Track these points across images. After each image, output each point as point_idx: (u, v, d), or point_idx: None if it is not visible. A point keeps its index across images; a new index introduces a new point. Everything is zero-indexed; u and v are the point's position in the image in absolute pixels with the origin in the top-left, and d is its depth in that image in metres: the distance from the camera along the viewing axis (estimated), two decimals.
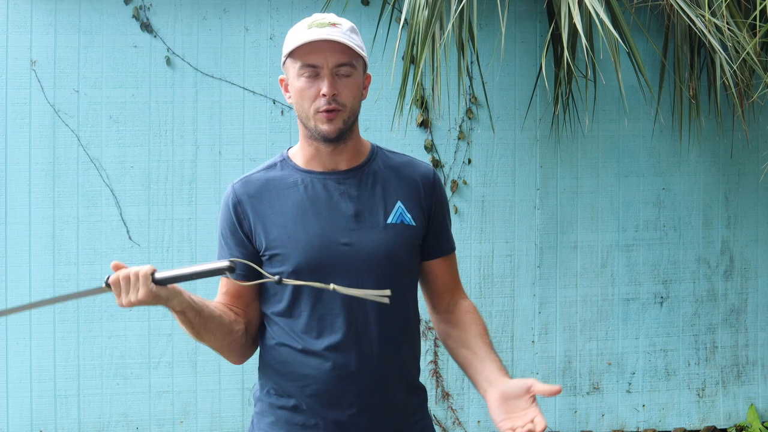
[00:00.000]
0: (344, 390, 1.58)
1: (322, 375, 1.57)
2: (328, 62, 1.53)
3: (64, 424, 3.51)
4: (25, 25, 3.47)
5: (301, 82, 1.54)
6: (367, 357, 1.58)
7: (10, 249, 3.46)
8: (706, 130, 3.81)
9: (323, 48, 1.52)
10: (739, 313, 3.97)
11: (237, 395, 3.59)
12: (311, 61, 1.53)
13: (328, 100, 1.52)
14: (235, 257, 1.59)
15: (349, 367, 1.57)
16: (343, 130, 1.56)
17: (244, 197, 1.61)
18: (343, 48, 1.54)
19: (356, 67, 1.57)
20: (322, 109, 1.53)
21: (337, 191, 1.60)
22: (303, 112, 1.57)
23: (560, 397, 3.83)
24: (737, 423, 3.97)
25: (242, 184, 1.63)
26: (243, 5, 3.59)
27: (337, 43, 1.53)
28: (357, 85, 1.58)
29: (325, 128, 1.55)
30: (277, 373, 1.63)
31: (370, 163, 1.65)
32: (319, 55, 1.52)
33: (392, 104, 3.51)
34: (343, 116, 1.55)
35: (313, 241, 1.56)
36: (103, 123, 3.52)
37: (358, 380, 1.58)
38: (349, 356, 1.57)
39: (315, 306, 1.58)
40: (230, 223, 1.62)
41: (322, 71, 1.53)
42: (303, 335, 1.59)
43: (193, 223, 3.56)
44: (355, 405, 1.58)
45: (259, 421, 1.67)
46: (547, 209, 3.79)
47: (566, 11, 3.04)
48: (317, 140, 1.58)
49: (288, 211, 1.58)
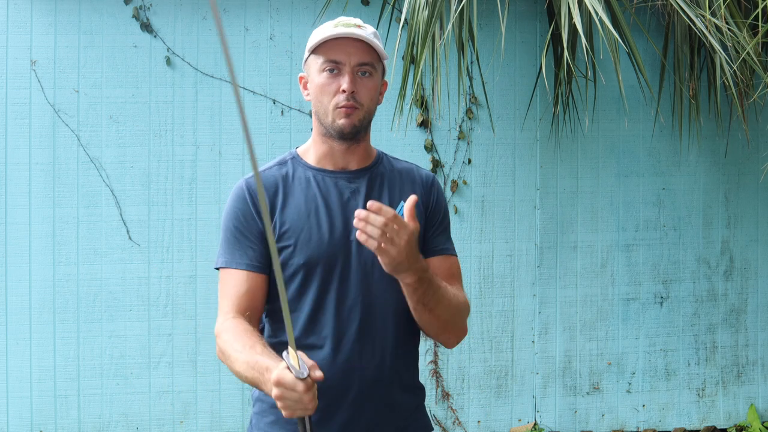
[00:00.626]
0: (344, 389, 1.59)
1: (325, 373, 1.57)
2: (351, 60, 1.57)
3: (64, 424, 3.51)
4: (25, 25, 3.47)
5: (323, 78, 1.58)
6: (367, 355, 1.60)
7: (10, 249, 3.46)
8: (706, 130, 3.81)
9: (347, 46, 1.57)
10: (739, 313, 3.97)
11: (237, 395, 3.59)
12: (335, 57, 1.57)
13: (347, 97, 1.56)
14: (251, 248, 1.59)
15: (348, 365, 1.59)
16: (358, 128, 1.60)
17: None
18: (366, 48, 1.58)
19: (376, 69, 1.62)
20: (341, 104, 1.57)
21: (348, 189, 1.64)
22: (321, 108, 1.60)
23: (560, 397, 3.83)
24: (737, 423, 3.97)
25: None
26: (243, 5, 3.59)
27: (362, 42, 1.57)
28: (375, 86, 1.62)
29: (342, 122, 1.58)
30: None
31: (377, 165, 1.70)
32: (342, 52, 1.57)
33: (392, 104, 3.51)
34: (359, 114, 1.59)
35: (324, 236, 1.59)
36: (103, 123, 3.52)
37: (358, 379, 1.59)
38: (348, 354, 1.59)
39: (317, 304, 1.60)
40: (247, 214, 1.61)
41: (344, 68, 1.57)
42: (304, 332, 1.60)
43: (193, 223, 3.56)
44: (354, 403, 1.59)
45: (258, 421, 1.67)
46: (547, 209, 3.79)
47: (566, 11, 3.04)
48: (332, 137, 1.62)
49: (301, 206, 1.61)
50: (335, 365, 1.58)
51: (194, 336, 3.56)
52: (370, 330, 1.60)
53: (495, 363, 3.78)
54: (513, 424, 3.80)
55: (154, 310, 3.55)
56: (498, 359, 3.78)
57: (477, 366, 3.77)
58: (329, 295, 1.59)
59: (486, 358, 3.77)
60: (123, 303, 3.53)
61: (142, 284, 3.54)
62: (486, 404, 3.78)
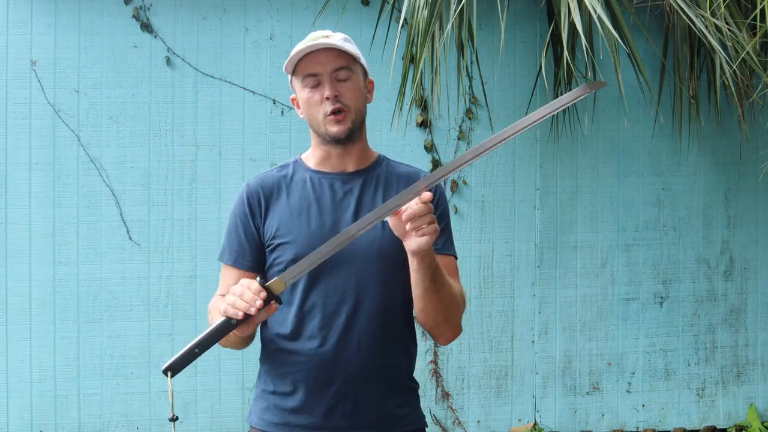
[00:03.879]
0: (329, 379, 1.65)
1: (311, 362, 1.65)
2: (326, 68, 1.65)
3: (64, 424, 3.51)
4: (25, 25, 3.47)
5: (306, 93, 1.68)
6: (352, 348, 1.65)
7: (10, 249, 3.46)
8: (706, 130, 3.81)
9: (319, 57, 1.65)
10: (739, 313, 3.97)
11: (237, 395, 3.59)
12: (311, 70, 1.66)
13: (332, 102, 1.64)
14: (244, 248, 1.71)
15: (335, 357, 1.64)
16: (352, 130, 1.68)
17: (257, 193, 1.73)
18: (337, 53, 1.65)
19: (354, 70, 1.69)
20: (329, 111, 1.65)
21: (342, 190, 1.71)
22: (314, 120, 1.69)
23: (560, 397, 3.83)
24: (737, 423, 3.97)
25: (256, 182, 1.75)
26: (243, 5, 3.59)
27: (332, 49, 1.65)
28: (357, 87, 1.69)
29: (335, 129, 1.66)
30: (270, 360, 1.72)
31: (376, 167, 1.77)
32: (316, 63, 1.65)
33: (392, 104, 3.51)
34: (350, 117, 1.67)
35: (314, 233, 1.66)
36: (103, 123, 3.52)
37: (343, 371, 1.65)
38: (335, 346, 1.64)
39: (305, 298, 1.66)
40: (243, 216, 1.73)
41: (323, 77, 1.65)
42: (294, 325, 1.66)
43: (193, 223, 3.56)
44: (338, 394, 1.65)
45: (254, 407, 1.76)
46: (547, 209, 3.79)
47: (566, 11, 3.04)
48: (329, 143, 1.70)
49: (294, 205, 1.70)
50: (322, 356, 1.64)
51: (194, 336, 3.54)
52: (357, 324, 1.65)
53: (495, 363, 3.78)
54: (513, 424, 3.80)
55: (154, 310, 3.55)
56: (498, 359, 3.78)
57: (477, 366, 3.77)
58: (317, 289, 1.66)
59: (486, 358, 3.77)
60: (123, 303, 3.53)
61: (142, 284, 3.54)
62: (486, 404, 3.78)
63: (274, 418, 1.70)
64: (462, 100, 3.67)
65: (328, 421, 1.66)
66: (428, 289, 1.58)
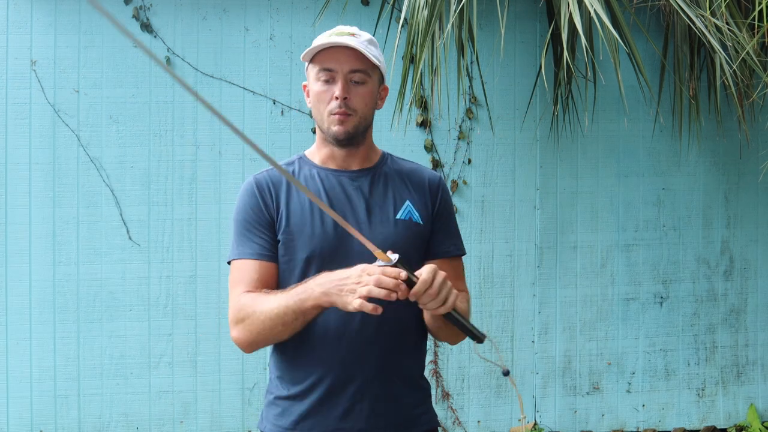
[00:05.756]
0: (346, 379, 1.63)
1: (325, 364, 1.63)
2: (343, 67, 1.63)
3: (64, 424, 3.51)
4: (25, 25, 3.47)
5: (318, 86, 1.66)
6: (368, 348, 1.63)
7: (10, 249, 3.46)
8: (706, 130, 3.81)
9: (339, 54, 1.63)
10: (739, 313, 3.97)
11: (237, 395, 3.59)
12: (327, 65, 1.64)
13: (339, 104, 1.63)
14: (261, 238, 1.65)
15: (351, 357, 1.62)
16: (353, 134, 1.66)
17: (267, 184, 1.69)
18: (357, 55, 1.63)
19: (371, 75, 1.67)
20: (335, 111, 1.63)
21: (351, 186, 1.70)
22: (318, 115, 1.67)
23: (560, 397, 3.83)
24: (737, 423, 3.97)
25: (263, 175, 1.72)
26: (243, 5, 3.59)
27: (353, 50, 1.63)
28: (370, 93, 1.67)
29: (336, 129, 1.65)
30: (287, 364, 1.69)
31: (381, 165, 1.75)
32: (335, 60, 1.63)
33: (392, 104, 3.51)
34: (353, 121, 1.65)
35: (328, 230, 1.64)
36: (103, 123, 3.52)
37: (360, 371, 1.63)
38: (351, 347, 1.62)
39: None
40: (256, 207, 1.67)
41: (337, 76, 1.64)
42: (309, 326, 1.61)
43: (193, 223, 3.56)
44: (356, 395, 1.63)
45: (267, 413, 1.73)
46: (547, 209, 3.79)
47: (566, 11, 3.04)
48: (331, 142, 1.69)
49: (305, 201, 1.67)
50: (338, 357, 1.62)
51: (194, 336, 3.56)
52: (372, 323, 1.62)
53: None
54: (513, 424, 3.80)
55: (154, 310, 3.55)
56: (498, 359, 3.78)
57: (477, 366, 3.77)
58: None
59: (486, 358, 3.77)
60: (123, 303, 3.53)
61: (142, 284, 3.54)
62: (486, 404, 3.78)
63: (288, 422, 1.67)
64: (462, 100, 3.67)
65: (345, 422, 1.64)
66: (443, 324, 1.62)
